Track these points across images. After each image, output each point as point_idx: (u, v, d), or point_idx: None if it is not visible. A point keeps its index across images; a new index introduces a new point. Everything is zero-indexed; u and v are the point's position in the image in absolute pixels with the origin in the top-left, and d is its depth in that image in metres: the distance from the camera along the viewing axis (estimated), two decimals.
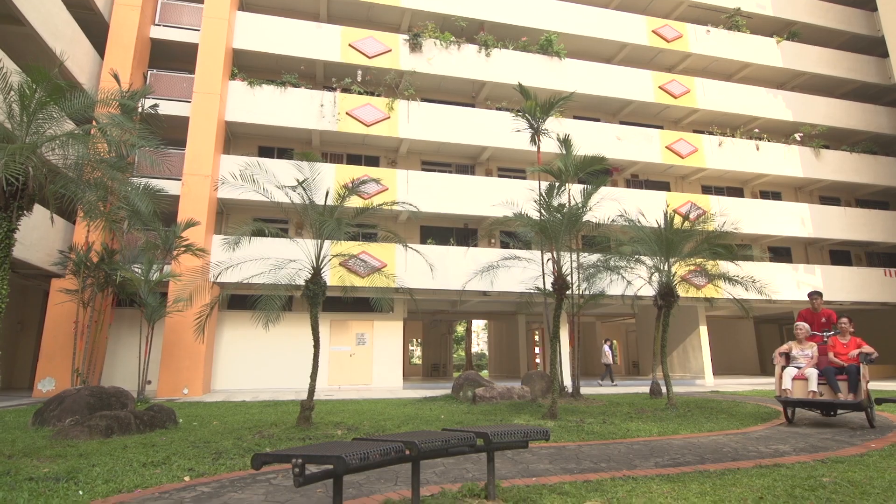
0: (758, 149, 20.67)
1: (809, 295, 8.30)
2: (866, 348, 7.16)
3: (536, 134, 12.44)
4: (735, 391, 14.04)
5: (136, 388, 11.83)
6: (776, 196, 22.41)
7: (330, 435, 6.61)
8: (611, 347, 19.93)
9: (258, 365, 15.79)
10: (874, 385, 16.11)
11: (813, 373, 7.14)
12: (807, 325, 7.67)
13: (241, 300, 15.11)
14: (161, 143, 11.19)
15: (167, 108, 15.19)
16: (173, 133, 15.15)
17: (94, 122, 9.13)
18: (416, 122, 17.47)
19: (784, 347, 7.75)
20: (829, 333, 7.62)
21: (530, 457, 5.25)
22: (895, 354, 21.19)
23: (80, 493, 3.95)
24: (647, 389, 13.56)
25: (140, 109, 13.88)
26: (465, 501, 3.62)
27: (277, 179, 8.10)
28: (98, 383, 13.11)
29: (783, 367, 7.48)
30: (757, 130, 21.55)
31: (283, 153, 17.40)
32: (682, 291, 11.27)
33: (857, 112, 22.70)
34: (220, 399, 12.11)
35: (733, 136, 20.89)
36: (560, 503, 3.57)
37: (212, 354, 15.23)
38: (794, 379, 7.28)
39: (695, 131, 21.48)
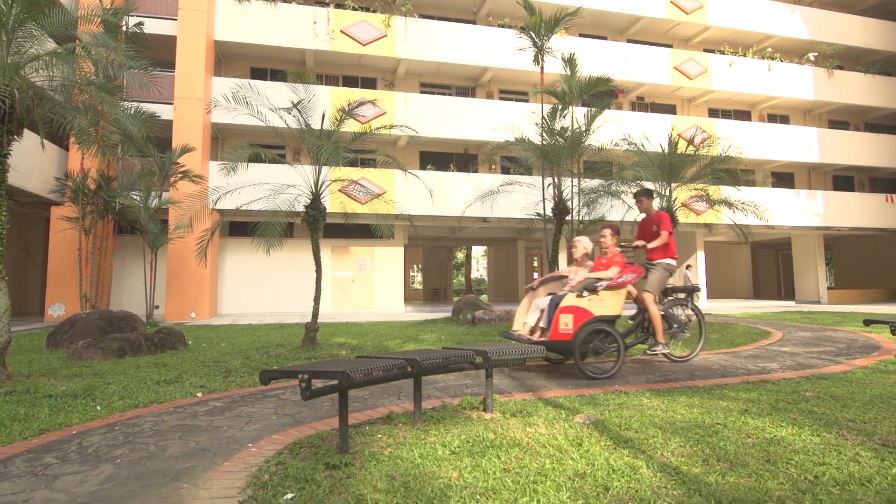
0: (769, 69, 19.90)
1: (635, 196, 6.44)
2: (610, 272, 5.38)
3: (540, 53, 11.91)
4: (727, 314, 14.42)
5: (144, 312, 12.14)
6: (784, 120, 21.87)
7: (334, 354, 6.85)
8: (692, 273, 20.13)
9: (263, 290, 16.15)
10: (867, 308, 16.52)
11: (546, 303, 5.47)
12: (585, 240, 5.83)
13: (243, 227, 15.14)
14: (149, 64, 10.73)
15: (152, 26, 14.45)
16: (161, 54, 14.52)
17: (77, 42, 8.70)
18: (415, 40, 16.70)
19: (563, 271, 6.01)
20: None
21: (527, 373, 5.47)
22: (891, 279, 21.62)
23: (98, 408, 4.15)
24: None
25: (124, 28, 13.20)
26: (465, 413, 3.81)
27: (271, 102, 7.88)
28: (107, 308, 13.44)
29: (549, 295, 5.63)
30: (770, 50, 20.65)
31: (277, 75, 16.76)
32: (682, 217, 11.27)
33: (876, 29, 21.63)
34: (226, 322, 12.46)
35: (745, 55, 20.05)
36: (554, 415, 3.75)
37: (217, 280, 15.50)
38: (543, 311, 5.54)
39: (705, 50, 20.58)
